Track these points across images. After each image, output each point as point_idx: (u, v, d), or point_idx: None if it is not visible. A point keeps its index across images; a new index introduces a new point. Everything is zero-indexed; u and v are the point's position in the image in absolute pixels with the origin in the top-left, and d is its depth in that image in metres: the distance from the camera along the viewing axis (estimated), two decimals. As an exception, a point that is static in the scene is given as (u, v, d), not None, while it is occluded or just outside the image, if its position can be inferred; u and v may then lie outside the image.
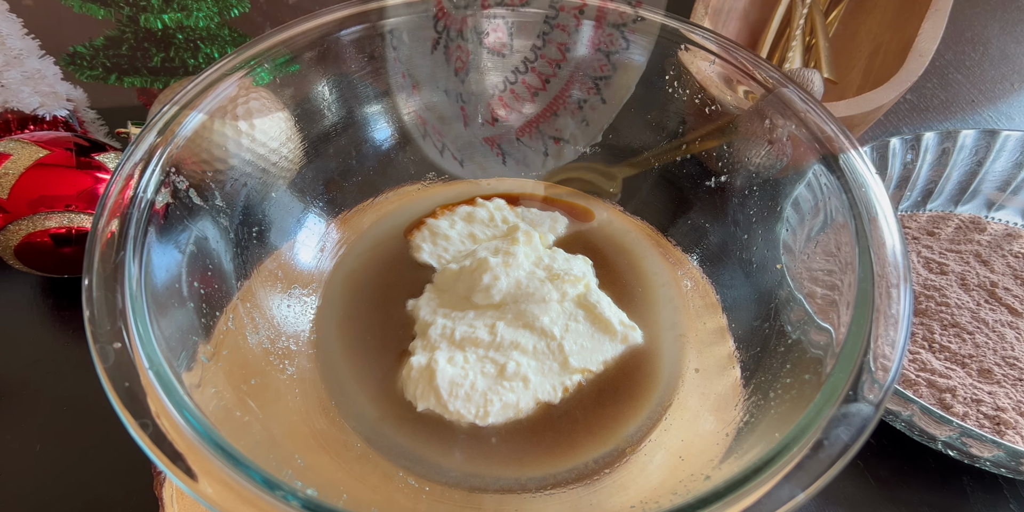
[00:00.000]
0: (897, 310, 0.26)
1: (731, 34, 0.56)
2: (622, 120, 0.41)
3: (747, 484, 0.23)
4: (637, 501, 0.29)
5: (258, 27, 0.64)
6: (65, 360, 0.42)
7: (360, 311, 0.37)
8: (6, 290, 0.45)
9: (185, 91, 0.31)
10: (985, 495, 0.39)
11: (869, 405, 0.24)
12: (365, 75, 0.38)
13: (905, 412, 0.36)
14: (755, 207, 0.36)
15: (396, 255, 0.39)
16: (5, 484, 0.37)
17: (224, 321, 0.31)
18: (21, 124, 0.46)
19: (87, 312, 0.24)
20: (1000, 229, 0.48)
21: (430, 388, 0.32)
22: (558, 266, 0.36)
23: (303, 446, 0.31)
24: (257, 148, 0.35)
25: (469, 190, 0.43)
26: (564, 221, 0.41)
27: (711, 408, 0.33)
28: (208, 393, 0.27)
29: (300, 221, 0.38)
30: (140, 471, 0.37)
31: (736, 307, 0.37)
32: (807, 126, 0.32)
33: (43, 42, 0.49)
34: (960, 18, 0.68)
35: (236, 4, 0.47)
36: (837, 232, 0.30)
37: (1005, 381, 0.39)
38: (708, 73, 0.36)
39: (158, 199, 0.28)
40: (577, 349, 0.34)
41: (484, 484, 0.31)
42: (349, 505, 0.24)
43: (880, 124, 0.60)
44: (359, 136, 0.40)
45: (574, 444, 0.32)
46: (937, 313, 0.43)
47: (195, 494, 0.21)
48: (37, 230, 0.39)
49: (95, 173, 0.40)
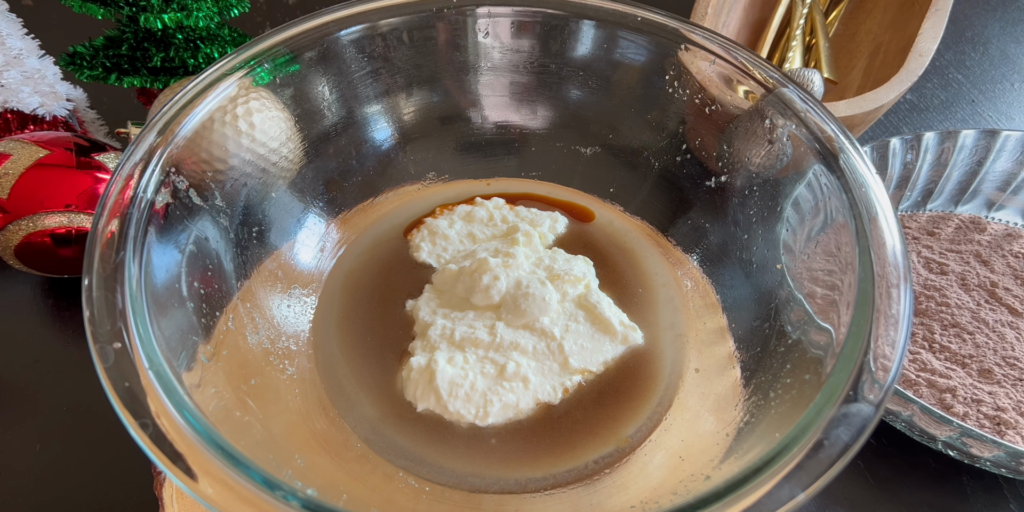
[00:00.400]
0: (897, 310, 0.26)
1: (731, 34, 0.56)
2: (622, 120, 0.41)
3: (747, 484, 0.23)
4: (637, 501, 0.29)
5: (258, 27, 0.64)
6: (65, 360, 0.42)
7: (360, 311, 0.37)
8: (6, 290, 0.45)
9: (185, 91, 0.31)
10: (985, 495, 0.39)
11: (869, 405, 0.24)
12: (365, 75, 0.38)
13: (905, 412, 0.36)
14: (755, 207, 0.36)
15: (396, 255, 0.39)
16: (5, 484, 0.37)
17: (224, 321, 0.31)
18: (21, 124, 0.46)
19: (87, 312, 0.24)
20: (1000, 229, 0.48)
21: (430, 388, 0.32)
22: (559, 266, 0.36)
23: (303, 446, 0.31)
24: (257, 148, 0.35)
25: (469, 190, 0.43)
26: (564, 221, 0.41)
27: (711, 408, 0.33)
28: (208, 393, 0.27)
29: (300, 221, 0.38)
30: (140, 471, 0.37)
31: (736, 307, 0.37)
32: (807, 126, 0.32)
33: (43, 42, 0.49)
34: (960, 18, 0.68)
35: (236, 4, 0.47)
36: (837, 232, 0.30)
37: (1005, 381, 0.39)
38: (708, 73, 0.36)
39: (158, 199, 0.28)
40: (577, 349, 0.34)
41: (484, 484, 0.31)
42: (349, 505, 0.24)
43: (880, 124, 0.60)
44: (359, 136, 0.40)
45: (574, 444, 0.32)
46: (937, 313, 0.43)
47: (195, 494, 0.21)
48: (37, 230, 0.39)
49: (95, 173, 0.40)
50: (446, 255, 0.38)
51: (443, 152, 0.43)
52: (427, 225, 0.40)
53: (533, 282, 0.35)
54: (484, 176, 0.44)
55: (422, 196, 0.43)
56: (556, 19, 0.38)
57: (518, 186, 0.44)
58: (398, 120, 0.41)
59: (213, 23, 0.46)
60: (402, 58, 0.39)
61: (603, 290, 0.37)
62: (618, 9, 0.37)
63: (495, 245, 0.38)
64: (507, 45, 0.39)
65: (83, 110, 0.50)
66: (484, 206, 0.40)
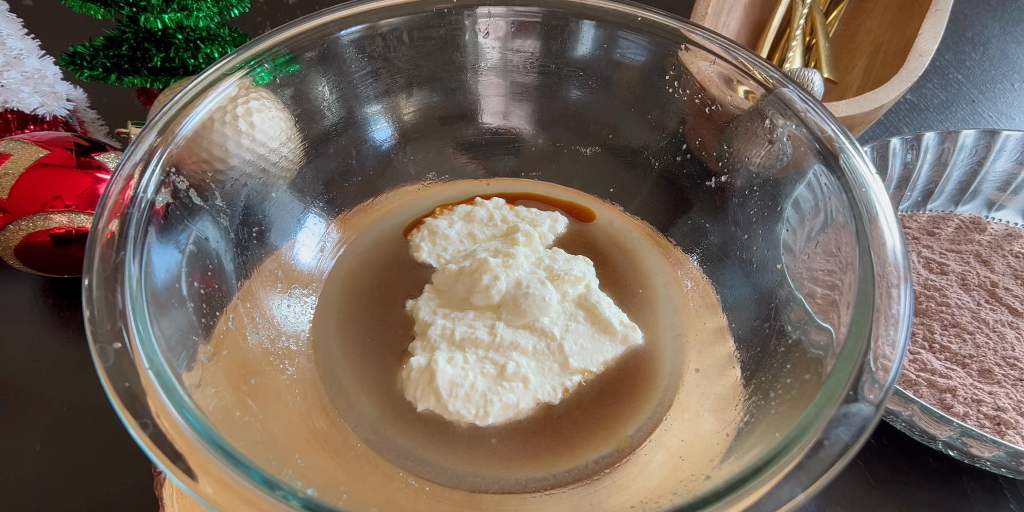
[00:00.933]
0: (897, 310, 0.26)
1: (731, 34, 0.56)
2: (622, 120, 0.41)
3: (747, 484, 0.23)
4: (637, 501, 0.29)
5: (258, 27, 0.64)
6: (65, 360, 0.42)
7: (360, 311, 0.37)
8: (6, 290, 0.45)
9: (185, 91, 0.31)
10: (985, 495, 0.39)
11: (869, 405, 0.24)
12: (365, 75, 0.38)
13: (905, 412, 0.36)
14: (755, 207, 0.36)
15: (396, 255, 0.39)
16: (5, 484, 0.37)
17: (224, 321, 0.31)
18: (21, 124, 0.46)
19: (87, 312, 0.24)
20: (1000, 229, 0.48)
21: (430, 388, 0.32)
22: (559, 266, 0.36)
23: (303, 446, 0.31)
24: (257, 148, 0.35)
25: (469, 189, 0.43)
26: (564, 221, 0.41)
27: (711, 408, 0.33)
28: (208, 393, 0.27)
29: (300, 221, 0.38)
30: (140, 471, 0.37)
31: (736, 307, 0.37)
32: (807, 126, 0.32)
33: (43, 42, 0.49)
34: (960, 18, 0.68)
35: (236, 4, 0.47)
36: (837, 232, 0.30)
37: (1005, 381, 0.39)
38: (708, 73, 0.36)
39: (158, 199, 0.28)
40: (577, 349, 0.34)
41: (484, 484, 0.31)
42: (349, 505, 0.24)
43: (880, 124, 0.60)
44: (359, 136, 0.40)
45: (574, 444, 0.32)
46: (937, 313, 0.43)
47: (195, 494, 0.21)
48: (37, 230, 0.39)
49: (95, 173, 0.40)
50: (446, 255, 0.38)
51: (443, 152, 0.43)
52: (427, 225, 0.40)
53: (533, 282, 0.35)
54: (484, 176, 0.44)
55: (422, 196, 0.43)
56: (556, 19, 0.38)
57: (518, 186, 0.44)
58: (398, 120, 0.41)
59: (213, 23, 0.46)
60: (402, 58, 0.39)
61: (603, 290, 0.37)
62: (618, 9, 0.37)
63: (495, 245, 0.38)
64: (507, 45, 0.39)
65: (83, 110, 0.50)
66: (484, 206, 0.40)
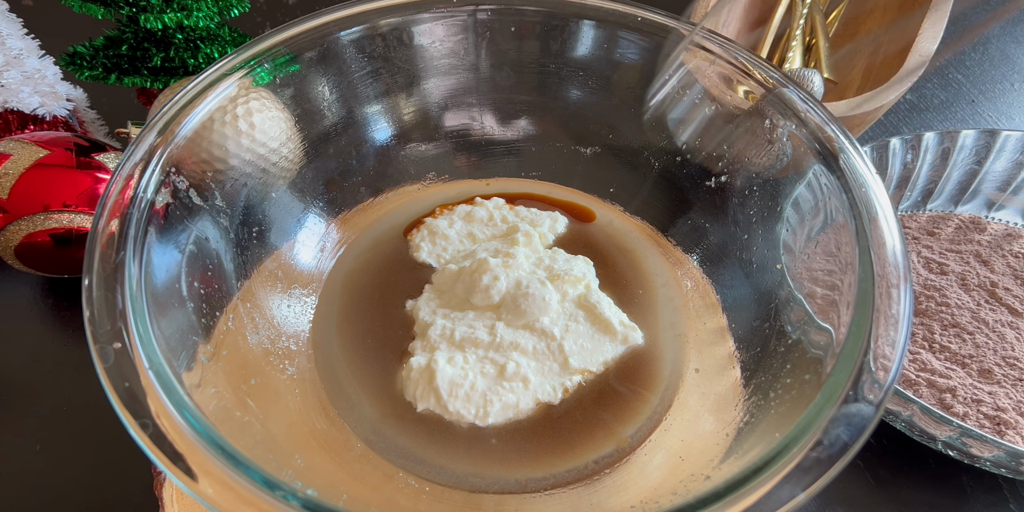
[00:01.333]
0: (897, 310, 0.26)
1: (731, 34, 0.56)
2: (622, 120, 0.41)
3: (747, 484, 0.23)
4: (637, 501, 0.29)
5: (258, 27, 0.64)
6: (65, 360, 0.42)
7: (360, 311, 0.37)
8: (6, 290, 0.45)
9: (185, 91, 0.31)
10: (985, 495, 0.39)
11: (869, 405, 0.24)
12: (365, 75, 0.38)
13: (905, 412, 0.36)
14: (755, 207, 0.36)
15: (396, 255, 0.39)
16: (5, 484, 0.37)
17: (224, 321, 0.31)
18: (21, 124, 0.46)
19: (87, 312, 0.24)
20: (1000, 229, 0.48)
21: (430, 389, 0.32)
22: (559, 266, 0.36)
23: (303, 446, 0.31)
24: (257, 148, 0.35)
25: (469, 189, 0.43)
26: (564, 221, 0.41)
27: (711, 408, 0.33)
28: (208, 393, 0.27)
29: (300, 221, 0.38)
30: (140, 471, 0.37)
31: (736, 307, 0.37)
32: (807, 126, 0.32)
33: (43, 42, 0.49)
34: (960, 18, 0.68)
35: (236, 4, 0.47)
36: (837, 232, 0.30)
37: (1005, 381, 0.39)
38: (708, 73, 0.36)
39: (158, 199, 0.28)
40: (577, 350, 0.34)
41: (484, 484, 0.31)
42: (349, 505, 0.24)
43: (880, 124, 0.60)
44: (359, 136, 0.40)
45: (574, 444, 0.32)
46: (937, 313, 0.43)
47: (195, 494, 0.21)
48: (37, 230, 0.39)
49: (95, 173, 0.40)
50: (446, 255, 0.38)
51: (443, 152, 0.43)
52: (427, 225, 0.40)
53: (533, 282, 0.35)
54: (484, 176, 0.44)
55: (422, 196, 0.43)
56: (556, 19, 0.38)
57: (518, 186, 0.44)
58: (398, 120, 0.41)
59: (213, 23, 0.46)
60: (402, 58, 0.39)
61: (603, 290, 0.37)
62: (618, 9, 0.37)
63: (495, 245, 0.38)
64: (507, 45, 0.39)
65: (83, 110, 0.50)
66: (484, 206, 0.40)
